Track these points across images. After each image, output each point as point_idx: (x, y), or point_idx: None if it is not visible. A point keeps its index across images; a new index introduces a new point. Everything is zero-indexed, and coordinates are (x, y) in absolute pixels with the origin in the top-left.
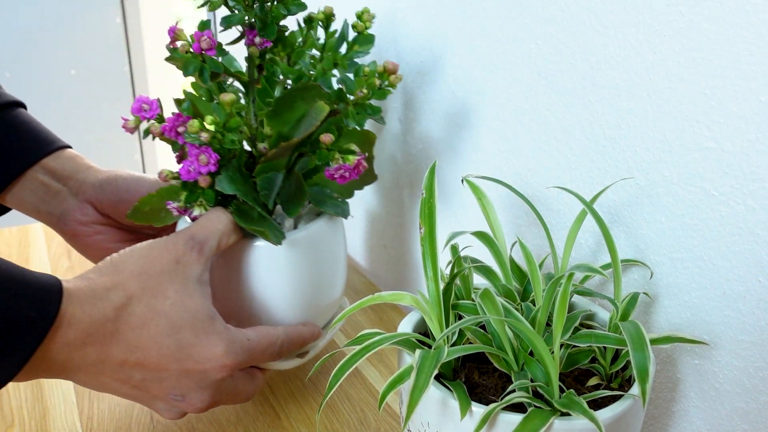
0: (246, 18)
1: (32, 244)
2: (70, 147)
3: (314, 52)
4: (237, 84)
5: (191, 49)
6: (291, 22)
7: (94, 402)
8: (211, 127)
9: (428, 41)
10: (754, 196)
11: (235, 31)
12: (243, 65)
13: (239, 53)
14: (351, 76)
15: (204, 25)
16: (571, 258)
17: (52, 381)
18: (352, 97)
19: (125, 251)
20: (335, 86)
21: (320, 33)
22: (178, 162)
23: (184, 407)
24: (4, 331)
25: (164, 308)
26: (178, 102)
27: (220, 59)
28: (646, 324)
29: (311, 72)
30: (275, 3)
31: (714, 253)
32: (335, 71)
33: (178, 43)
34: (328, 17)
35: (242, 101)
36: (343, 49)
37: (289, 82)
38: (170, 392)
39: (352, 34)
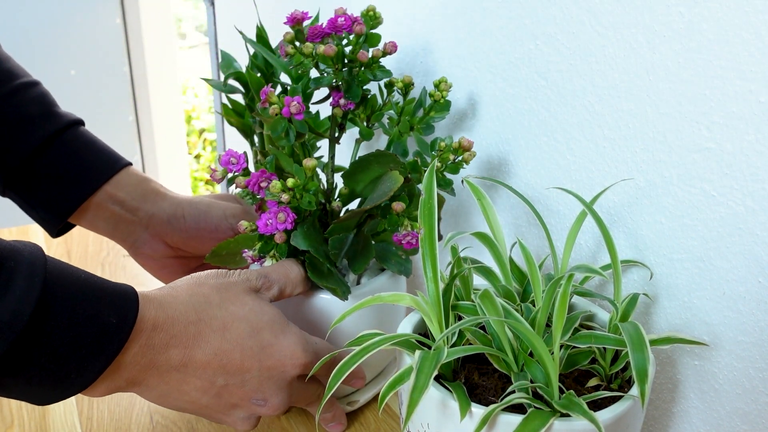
0: (334, 81)
1: None
2: (131, 164)
3: (392, 113)
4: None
5: (281, 112)
6: (372, 86)
7: (94, 403)
8: (291, 189)
9: (428, 42)
10: (753, 197)
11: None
12: (243, 66)
13: (241, 58)
14: (427, 140)
15: (294, 91)
16: (571, 259)
17: None
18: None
19: (207, 270)
20: (409, 148)
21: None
22: (257, 211)
23: (265, 411)
24: (90, 337)
25: (244, 313)
26: (263, 154)
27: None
28: (645, 325)
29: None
30: (362, 68)
31: (714, 254)
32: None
33: (269, 105)
34: (407, 85)
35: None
36: (420, 113)
37: None
38: (252, 396)
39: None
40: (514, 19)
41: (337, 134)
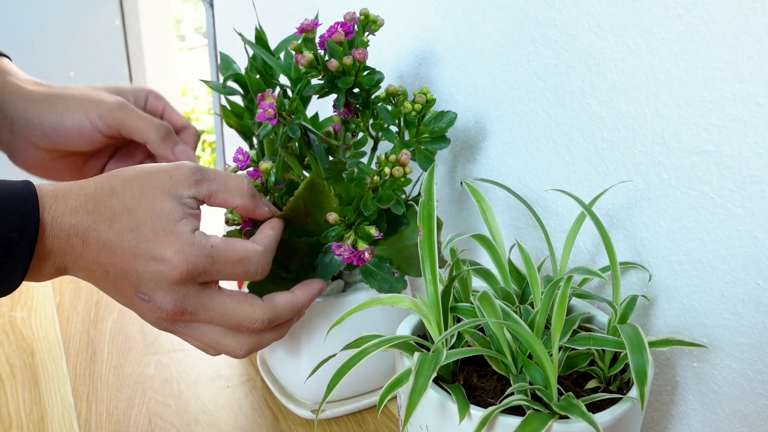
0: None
1: None
2: (6, 56)
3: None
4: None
5: (256, 117)
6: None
7: (92, 404)
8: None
9: (427, 44)
10: (752, 199)
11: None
12: (242, 68)
13: (240, 59)
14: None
15: (268, 97)
16: (570, 261)
17: (50, 383)
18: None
19: (147, 164)
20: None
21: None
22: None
23: (151, 309)
24: None
25: (135, 205)
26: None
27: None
28: (644, 327)
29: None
30: (341, 76)
31: (712, 256)
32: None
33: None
34: (390, 94)
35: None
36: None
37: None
38: (137, 290)
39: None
40: (513, 22)
41: (341, 141)
